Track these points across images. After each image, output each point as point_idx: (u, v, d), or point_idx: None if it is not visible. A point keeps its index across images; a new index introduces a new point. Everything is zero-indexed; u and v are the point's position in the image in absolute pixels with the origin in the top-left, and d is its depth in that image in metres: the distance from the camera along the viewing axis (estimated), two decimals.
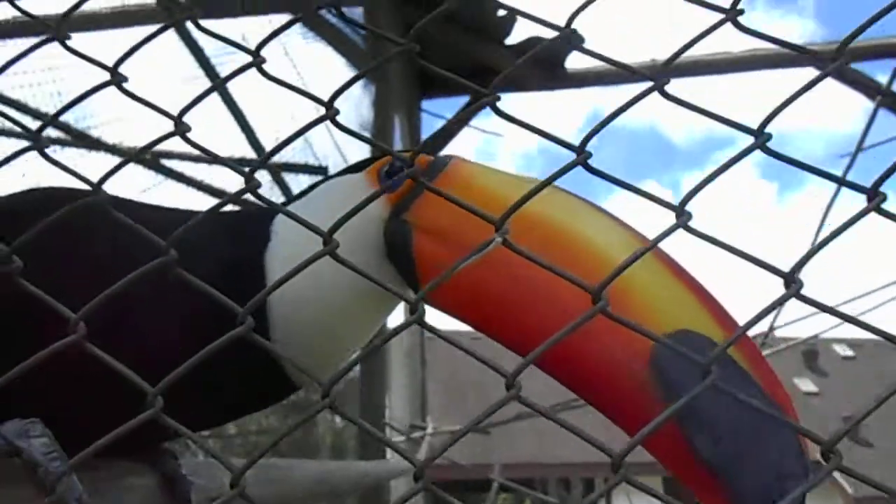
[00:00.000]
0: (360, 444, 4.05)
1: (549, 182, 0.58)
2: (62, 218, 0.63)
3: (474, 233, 0.69)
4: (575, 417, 0.70)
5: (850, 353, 18.69)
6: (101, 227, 0.71)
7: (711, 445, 0.60)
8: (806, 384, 17.24)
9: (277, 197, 3.92)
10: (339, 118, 0.64)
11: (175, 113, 0.67)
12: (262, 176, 3.82)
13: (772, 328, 4.47)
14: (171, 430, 0.77)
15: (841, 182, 0.54)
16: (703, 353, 0.56)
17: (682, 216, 0.52)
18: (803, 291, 0.49)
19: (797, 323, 4.46)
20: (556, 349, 0.59)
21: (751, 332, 0.59)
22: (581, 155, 0.56)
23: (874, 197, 0.48)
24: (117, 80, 0.68)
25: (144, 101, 0.68)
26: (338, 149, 4.51)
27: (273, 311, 0.72)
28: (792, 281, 0.49)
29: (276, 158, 3.84)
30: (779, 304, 0.50)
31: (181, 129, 0.66)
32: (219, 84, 2.77)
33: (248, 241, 0.65)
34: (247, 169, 0.64)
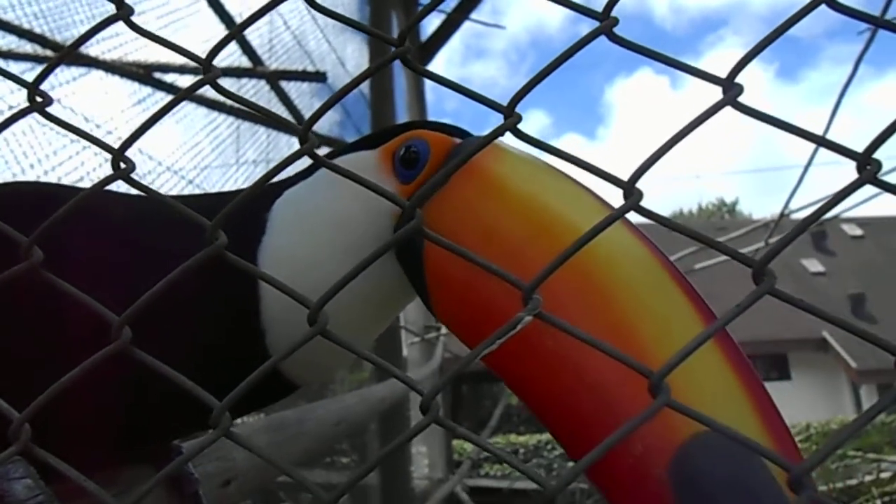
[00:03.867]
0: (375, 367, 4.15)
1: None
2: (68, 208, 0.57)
3: (497, 243, 0.63)
4: None
5: (858, 232, 18.77)
6: (103, 218, 0.68)
7: None
8: (813, 265, 17.43)
9: (276, 106, 3.83)
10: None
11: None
12: (260, 85, 3.73)
13: (782, 214, 4.47)
14: (177, 428, 0.74)
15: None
16: (742, 463, 0.49)
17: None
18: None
19: (809, 207, 4.45)
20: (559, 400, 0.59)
21: (763, 217, 0.52)
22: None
23: None
24: None
25: None
26: (334, 52, 4.37)
27: (267, 311, 0.67)
28: None
29: (273, 66, 3.72)
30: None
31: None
32: None
33: (240, 231, 0.55)
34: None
